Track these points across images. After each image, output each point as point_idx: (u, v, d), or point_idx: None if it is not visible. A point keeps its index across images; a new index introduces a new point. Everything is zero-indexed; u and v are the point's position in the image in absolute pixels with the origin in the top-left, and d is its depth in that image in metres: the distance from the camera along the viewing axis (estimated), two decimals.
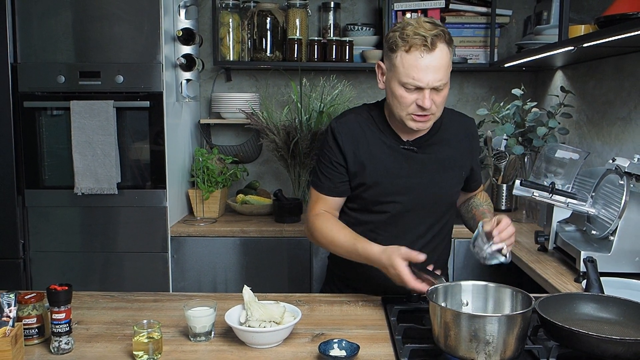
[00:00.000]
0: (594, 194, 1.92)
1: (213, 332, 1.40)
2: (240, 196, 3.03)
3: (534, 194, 1.92)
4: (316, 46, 3.01)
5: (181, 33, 2.74)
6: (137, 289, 2.45)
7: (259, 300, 1.40)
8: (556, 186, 1.93)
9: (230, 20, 3.00)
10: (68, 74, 2.58)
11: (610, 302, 1.36)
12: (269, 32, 3.03)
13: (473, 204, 1.84)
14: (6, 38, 2.54)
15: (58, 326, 1.31)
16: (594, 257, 1.63)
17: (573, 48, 2.05)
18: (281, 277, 2.73)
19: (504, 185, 2.91)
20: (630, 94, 2.28)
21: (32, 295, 1.38)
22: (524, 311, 1.22)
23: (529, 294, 1.30)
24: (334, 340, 1.30)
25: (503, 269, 1.50)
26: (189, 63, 2.78)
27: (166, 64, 2.63)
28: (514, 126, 2.70)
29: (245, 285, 1.42)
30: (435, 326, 1.27)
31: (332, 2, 3.12)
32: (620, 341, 1.15)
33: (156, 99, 2.60)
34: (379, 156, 1.67)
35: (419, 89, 1.53)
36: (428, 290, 1.36)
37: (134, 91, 2.59)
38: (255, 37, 3.04)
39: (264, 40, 3.03)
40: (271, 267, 2.73)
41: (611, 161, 1.86)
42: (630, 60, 2.28)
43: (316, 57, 3.01)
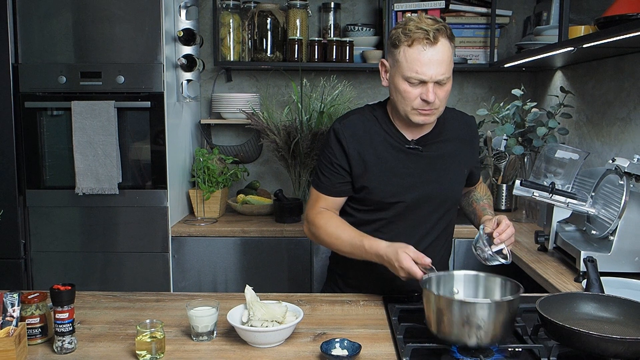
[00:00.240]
0: (593, 194, 1.92)
1: (215, 332, 1.41)
2: (241, 196, 3.03)
3: (534, 194, 1.93)
4: (316, 46, 3.02)
5: (182, 33, 2.74)
6: (138, 289, 2.46)
7: (260, 300, 1.41)
8: (556, 186, 1.93)
9: (231, 20, 3.01)
10: (69, 74, 2.59)
11: (610, 301, 1.37)
12: (269, 33, 3.03)
13: (473, 197, 1.87)
14: (7, 38, 2.55)
15: (61, 326, 1.31)
16: (594, 257, 1.63)
17: (573, 49, 2.05)
18: (282, 277, 2.74)
19: (504, 185, 2.92)
20: (629, 95, 2.29)
21: (36, 295, 1.39)
22: (512, 297, 1.28)
23: (517, 282, 1.35)
24: (336, 340, 1.31)
25: (503, 269, 1.53)
26: (189, 63, 2.78)
27: (167, 65, 2.64)
28: (513, 126, 2.71)
29: (247, 285, 1.42)
30: (429, 313, 1.31)
31: (333, 3, 3.13)
32: (621, 340, 1.16)
33: (157, 99, 2.60)
34: (384, 156, 1.67)
35: (422, 83, 1.54)
36: (422, 278, 1.40)
37: (135, 91, 2.60)
38: (255, 38, 3.05)
39: (264, 40, 3.04)
40: (272, 267, 2.73)
41: (611, 161, 1.87)
42: (629, 60, 2.29)
43: (316, 57, 3.02)
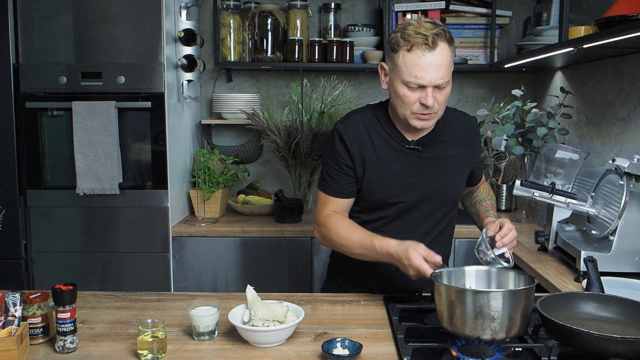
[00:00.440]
0: (593, 194, 1.93)
1: (217, 332, 1.41)
2: (241, 196, 3.03)
3: (534, 194, 1.93)
4: (317, 47, 3.02)
5: (182, 34, 2.75)
6: (139, 289, 2.46)
7: (262, 300, 1.41)
8: (556, 186, 1.94)
9: (231, 21, 3.01)
10: (70, 74, 2.59)
11: (610, 301, 1.37)
12: (269, 33, 3.04)
13: (476, 198, 1.87)
14: (8, 39, 2.55)
15: (63, 325, 1.32)
16: (594, 257, 1.64)
17: (573, 49, 2.06)
18: (282, 277, 2.74)
19: (504, 186, 2.92)
20: (629, 95, 2.29)
21: (37, 294, 1.39)
22: (528, 287, 1.22)
23: (530, 275, 1.31)
24: (337, 339, 1.31)
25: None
26: (190, 64, 2.78)
27: (167, 65, 2.64)
28: (514, 127, 2.71)
29: (248, 285, 1.43)
30: (440, 306, 1.27)
31: (333, 3, 3.13)
32: (621, 340, 1.16)
33: (157, 99, 2.60)
34: (384, 156, 1.68)
35: (421, 87, 1.55)
36: (432, 274, 1.38)
37: (136, 92, 2.60)
38: (256, 38, 3.05)
39: (264, 41, 3.04)
40: (272, 267, 2.74)
41: (611, 161, 1.87)
42: (629, 61, 2.29)
43: (317, 57, 3.02)
